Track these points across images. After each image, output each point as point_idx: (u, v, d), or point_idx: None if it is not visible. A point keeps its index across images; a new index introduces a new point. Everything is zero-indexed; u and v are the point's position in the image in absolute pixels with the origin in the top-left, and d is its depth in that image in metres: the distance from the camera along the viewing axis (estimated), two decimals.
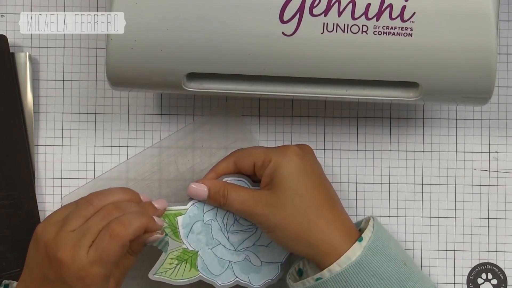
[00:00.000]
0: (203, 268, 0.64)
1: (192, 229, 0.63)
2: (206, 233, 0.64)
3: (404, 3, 0.57)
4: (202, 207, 0.63)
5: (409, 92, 0.60)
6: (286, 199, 0.60)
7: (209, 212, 0.63)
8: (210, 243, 0.64)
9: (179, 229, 0.63)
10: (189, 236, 0.63)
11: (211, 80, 0.60)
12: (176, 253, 0.63)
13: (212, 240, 0.64)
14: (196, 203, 0.63)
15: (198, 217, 0.63)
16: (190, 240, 0.63)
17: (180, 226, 0.63)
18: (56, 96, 0.70)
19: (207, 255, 0.64)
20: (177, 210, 0.63)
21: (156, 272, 0.63)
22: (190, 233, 0.63)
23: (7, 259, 0.67)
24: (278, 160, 0.61)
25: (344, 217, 0.62)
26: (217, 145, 0.69)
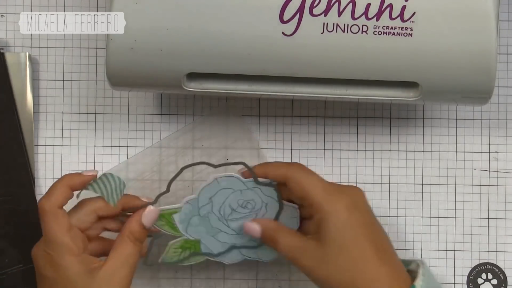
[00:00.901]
0: (207, 250, 0.64)
1: (190, 223, 0.63)
2: (205, 225, 0.63)
3: (404, 3, 0.57)
4: (197, 203, 0.63)
5: (409, 92, 0.60)
6: (331, 255, 0.58)
7: (205, 207, 0.63)
8: (210, 232, 0.64)
9: (177, 225, 0.63)
10: (188, 228, 0.63)
11: (211, 80, 0.60)
12: (178, 243, 0.63)
13: (212, 229, 0.64)
14: (190, 201, 0.63)
15: (194, 212, 0.63)
16: (190, 232, 0.63)
17: (177, 222, 0.63)
18: (56, 96, 0.70)
19: (210, 241, 0.64)
20: (172, 208, 0.63)
21: (162, 260, 0.63)
22: (188, 226, 0.63)
23: (10, 255, 0.67)
24: (327, 211, 0.58)
25: (394, 266, 0.59)
26: (217, 145, 0.69)
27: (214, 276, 0.69)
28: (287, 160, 0.69)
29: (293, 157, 0.69)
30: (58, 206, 0.57)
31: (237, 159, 0.69)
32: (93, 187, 0.59)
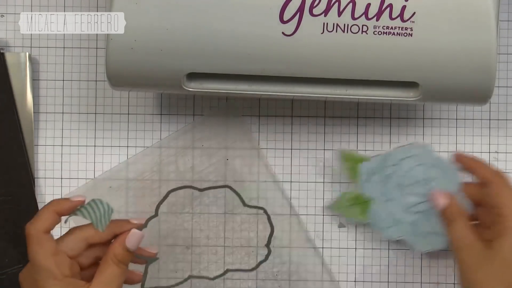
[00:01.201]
0: (373, 218, 0.66)
1: (372, 179, 0.65)
2: (384, 185, 0.65)
3: (404, 3, 0.57)
4: (385, 161, 0.65)
5: (409, 92, 0.60)
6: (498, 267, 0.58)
7: (391, 167, 0.65)
8: (385, 196, 0.65)
9: (360, 175, 0.66)
10: (367, 184, 0.66)
11: (211, 80, 0.60)
12: (352, 195, 0.66)
13: (388, 193, 0.65)
14: (381, 156, 0.65)
15: (380, 169, 0.65)
16: (367, 188, 0.66)
17: (361, 172, 0.66)
18: (56, 96, 0.70)
19: (380, 206, 0.66)
20: (363, 156, 0.65)
21: (331, 206, 0.67)
22: (368, 181, 0.65)
23: (10, 255, 0.68)
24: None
25: None
26: (217, 145, 0.69)
27: (214, 276, 0.69)
28: (287, 160, 0.69)
29: (293, 157, 0.69)
30: (43, 231, 0.57)
31: (237, 159, 0.69)
32: (82, 213, 0.59)
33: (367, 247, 0.69)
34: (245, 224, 0.69)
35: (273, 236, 0.69)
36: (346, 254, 0.69)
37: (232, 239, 0.69)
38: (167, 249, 0.69)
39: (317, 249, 0.69)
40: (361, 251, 0.69)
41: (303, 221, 0.69)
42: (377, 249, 0.69)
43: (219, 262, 0.69)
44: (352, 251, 0.69)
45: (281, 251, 0.69)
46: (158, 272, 0.69)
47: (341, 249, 0.69)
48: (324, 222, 0.69)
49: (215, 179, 0.69)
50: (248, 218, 0.69)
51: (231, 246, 0.69)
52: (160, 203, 0.62)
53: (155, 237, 0.69)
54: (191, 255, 0.69)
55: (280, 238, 0.69)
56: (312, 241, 0.69)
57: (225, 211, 0.69)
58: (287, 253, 0.69)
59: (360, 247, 0.69)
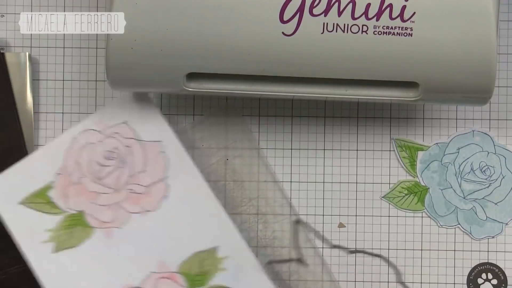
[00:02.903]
0: (429, 206, 0.67)
1: (429, 166, 0.67)
2: (441, 173, 0.66)
3: (404, 3, 0.57)
4: (444, 148, 0.66)
5: (409, 92, 0.60)
6: None
7: (449, 155, 0.66)
8: (441, 184, 0.66)
9: (417, 163, 0.66)
10: (424, 172, 0.67)
11: (211, 80, 0.60)
12: (408, 184, 0.67)
13: (444, 181, 0.66)
14: (439, 144, 0.66)
15: (438, 157, 0.66)
16: (424, 176, 0.67)
17: (418, 160, 0.67)
18: (56, 96, 0.70)
19: (436, 194, 0.67)
20: (419, 145, 0.66)
21: (385, 195, 0.67)
22: (425, 169, 0.66)
23: (10, 255, 0.67)
24: None
25: None
26: (217, 145, 0.70)
27: None
28: (287, 160, 0.69)
29: (293, 157, 0.69)
30: None
31: (237, 159, 0.69)
32: None
33: (367, 247, 0.69)
34: (245, 224, 0.69)
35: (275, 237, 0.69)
36: (346, 254, 0.69)
37: None
38: None
39: (317, 249, 0.69)
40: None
41: (303, 221, 0.69)
42: (377, 249, 0.69)
43: None
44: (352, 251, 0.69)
45: (281, 251, 0.69)
46: None
47: (341, 249, 0.69)
48: (324, 222, 0.69)
49: (215, 179, 0.69)
50: (248, 218, 0.69)
51: None
52: None
53: None
54: None
55: (280, 238, 0.69)
56: (312, 240, 0.69)
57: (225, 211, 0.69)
58: (287, 253, 0.69)
59: (360, 247, 0.69)
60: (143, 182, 0.65)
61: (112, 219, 0.65)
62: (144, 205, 0.65)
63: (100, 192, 0.64)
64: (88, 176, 0.64)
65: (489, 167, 0.67)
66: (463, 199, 0.67)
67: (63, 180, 0.64)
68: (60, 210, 0.64)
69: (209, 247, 0.64)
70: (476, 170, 0.67)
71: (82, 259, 0.64)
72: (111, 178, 0.64)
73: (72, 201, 0.64)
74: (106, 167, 0.64)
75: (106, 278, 0.64)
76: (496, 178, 0.67)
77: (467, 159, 0.67)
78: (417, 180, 0.68)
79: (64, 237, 0.64)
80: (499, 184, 0.67)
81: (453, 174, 0.67)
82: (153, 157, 0.65)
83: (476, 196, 0.68)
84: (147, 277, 0.64)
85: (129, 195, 0.65)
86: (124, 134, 0.65)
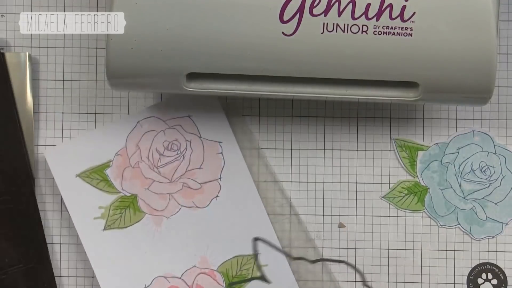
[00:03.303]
0: (429, 206, 0.67)
1: (429, 166, 0.67)
2: (441, 173, 0.66)
3: (404, 3, 0.57)
4: (444, 148, 0.66)
5: (409, 92, 0.60)
6: None
7: (449, 155, 0.66)
8: (441, 184, 0.67)
9: (417, 163, 0.67)
10: (424, 172, 0.67)
11: (211, 80, 0.60)
12: (408, 184, 0.67)
13: (444, 181, 0.66)
14: (439, 144, 0.66)
15: (438, 156, 0.66)
16: (424, 176, 0.67)
17: (418, 161, 0.67)
18: (56, 96, 0.70)
19: (436, 194, 0.67)
20: (420, 145, 0.66)
21: (384, 195, 0.67)
22: (425, 169, 0.67)
23: (10, 255, 0.68)
24: None
25: None
26: None
27: None
28: (287, 160, 0.69)
29: (293, 157, 0.69)
30: None
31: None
32: None
33: (367, 247, 0.69)
34: None
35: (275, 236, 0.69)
36: (346, 254, 0.69)
37: None
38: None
39: (317, 249, 0.69)
40: (361, 251, 0.69)
41: (303, 221, 0.69)
42: (377, 249, 0.69)
43: None
44: (352, 251, 0.69)
45: None
46: None
47: (341, 249, 0.69)
48: (324, 222, 0.69)
49: None
50: None
51: None
52: None
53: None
54: None
55: (280, 238, 0.69)
56: (312, 241, 0.69)
57: None
58: (287, 252, 0.69)
59: (360, 247, 0.69)
60: (199, 179, 0.66)
61: (163, 208, 0.66)
62: (196, 201, 0.66)
63: (155, 180, 0.65)
64: (146, 162, 0.65)
65: (489, 167, 0.67)
66: (463, 199, 0.67)
67: (121, 161, 0.66)
68: (115, 190, 0.66)
69: (250, 253, 0.66)
70: (476, 170, 0.67)
71: (129, 241, 0.66)
72: (168, 168, 0.66)
73: (127, 183, 0.66)
74: (165, 157, 0.65)
75: (149, 263, 0.66)
76: (496, 178, 0.68)
77: (467, 159, 0.67)
78: (417, 180, 0.68)
79: (115, 217, 0.66)
80: (499, 184, 0.67)
81: (453, 174, 0.67)
82: (211, 156, 0.67)
83: (476, 196, 0.68)
84: (189, 270, 0.66)
85: (183, 188, 0.66)
86: (186, 128, 0.66)
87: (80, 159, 0.67)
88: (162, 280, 0.66)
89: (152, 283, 0.66)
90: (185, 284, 0.66)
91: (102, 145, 0.67)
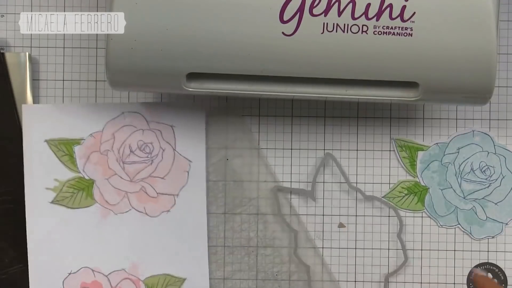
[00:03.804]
0: (429, 206, 0.67)
1: (429, 167, 0.67)
2: (441, 173, 0.67)
3: (404, 3, 0.57)
4: (444, 148, 0.66)
5: (409, 92, 0.60)
6: None
7: (449, 155, 0.66)
8: (441, 184, 0.67)
9: (417, 163, 0.67)
10: (424, 172, 0.67)
11: (211, 80, 0.60)
12: (408, 184, 0.67)
13: (444, 181, 0.67)
14: (439, 144, 0.66)
15: (438, 157, 0.67)
16: (424, 176, 0.67)
17: (418, 161, 0.67)
18: (56, 96, 0.70)
19: (436, 194, 0.67)
20: (420, 145, 0.66)
21: (384, 195, 0.67)
22: (425, 169, 0.67)
23: (10, 255, 0.68)
24: None
25: None
26: (217, 145, 0.69)
27: (214, 276, 0.69)
28: (287, 160, 0.69)
29: (293, 157, 0.69)
30: None
31: (237, 159, 0.69)
32: None
33: (367, 247, 0.69)
34: (245, 224, 0.69)
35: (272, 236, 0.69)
36: (346, 254, 0.69)
37: (232, 239, 0.69)
38: None
39: (317, 249, 0.69)
40: (361, 251, 0.69)
41: (303, 221, 0.69)
42: (377, 249, 0.69)
43: (219, 262, 0.69)
44: (352, 251, 0.69)
45: (281, 251, 0.69)
46: None
47: (341, 249, 0.69)
48: (324, 222, 0.69)
49: (215, 179, 0.69)
50: (248, 218, 0.69)
51: (231, 246, 0.69)
52: None
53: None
54: None
55: (280, 238, 0.69)
56: (312, 241, 0.69)
57: (225, 211, 0.69)
58: (287, 253, 0.69)
59: (360, 247, 0.69)
60: (157, 188, 0.66)
61: (114, 203, 0.66)
62: (147, 208, 0.66)
63: (117, 174, 0.65)
64: (115, 154, 0.65)
65: (489, 167, 0.67)
66: (463, 199, 0.67)
67: (92, 143, 0.66)
68: (76, 169, 0.66)
69: (179, 275, 0.66)
70: (476, 170, 0.67)
71: (71, 223, 0.66)
72: (133, 167, 0.66)
73: (90, 167, 0.66)
74: (135, 156, 0.65)
75: (82, 252, 0.66)
76: (496, 178, 0.68)
77: (467, 159, 0.67)
78: (417, 180, 0.68)
79: (66, 194, 0.66)
80: (499, 184, 0.67)
81: (453, 174, 0.67)
82: (177, 171, 0.67)
83: (476, 196, 0.68)
84: (117, 271, 0.66)
85: (140, 192, 0.66)
86: (165, 136, 0.66)
87: (54, 126, 0.67)
88: (89, 272, 0.66)
89: (79, 271, 0.66)
90: (108, 284, 0.66)
91: (80, 121, 0.67)
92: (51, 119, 0.66)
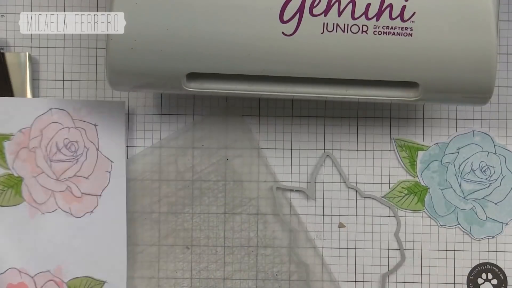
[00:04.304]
0: (429, 206, 0.67)
1: (429, 166, 0.67)
2: (441, 173, 0.67)
3: (404, 3, 0.57)
4: (444, 148, 0.66)
5: (409, 92, 0.60)
6: None
7: (449, 155, 0.66)
8: (441, 184, 0.67)
9: (417, 163, 0.67)
10: (424, 172, 0.67)
11: (211, 80, 0.60)
12: (408, 184, 0.67)
13: (444, 181, 0.67)
14: (439, 144, 0.66)
15: (438, 157, 0.67)
16: (424, 176, 0.67)
17: (418, 161, 0.67)
18: (56, 96, 0.69)
19: (436, 194, 0.67)
20: (420, 145, 0.66)
21: (384, 195, 0.67)
22: (425, 169, 0.67)
23: None
24: None
25: None
26: (217, 145, 0.69)
27: (214, 276, 0.69)
28: (287, 160, 0.69)
29: (293, 157, 0.69)
30: None
31: (237, 159, 0.69)
32: None
33: (367, 247, 0.69)
34: (245, 224, 0.69)
35: (272, 235, 0.69)
36: (346, 254, 0.69)
37: (232, 239, 0.69)
38: (167, 249, 0.69)
39: (317, 249, 0.69)
40: (361, 251, 0.69)
41: (303, 221, 0.69)
42: (377, 249, 0.69)
43: (219, 262, 0.69)
44: (352, 251, 0.69)
45: (281, 251, 0.69)
46: (158, 272, 0.69)
47: (341, 249, 0.69)
48: (324, 222, 0.69)
49: (215, 179, 0.69)
50: (248, 218, 0.69)
51: (231, 246, 0.69)
52: None
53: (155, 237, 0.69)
54: (191, 255, 0.69)
55: (280, 238, 0.69)
56: (312, 241, 0.69)
57: (225, 211, 0.69)
58: (287, 253, 0.69)
59: (360, 247, 0.69)
60: (82, 188, 0.67)
61: (41, 202, 0.66)
62: (72, 208, 0.67)
63: (44, 172, 0.65)
64: (43, 151, 0.65)
65: (489, 167, 0.67)
66: (463, 199, 0.67)
67: (22, 139, 0.66)
68: (5, 165, 0.66)
69: (99, 278, 0.66)
70: (476, 170, 0.67)
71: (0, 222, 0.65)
72: (59, 166, 0.66)
73: (19, 164, 0.66)
74: (61, 154, 0.65)
75: (10, 251, 0.65)
76: (496, 178, 0.68)
77: (467, 159, 0.67)
78: (417, 180, 0.68)
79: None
80: (499, 184, 0.67)
81: (453, 174, 0.67)
82: (100, 171, 0.67)
83: (476, 196, 0.68)
84: (43, 273, 0.66)
85: (66, 191, 0.66)
86: (89, 135, 0.66)
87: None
88: (15, 273, 0.66)
89: (5, 272, 0.66)
90: (33, 286, 0.66)
91: (11, 116, 0.66)
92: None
